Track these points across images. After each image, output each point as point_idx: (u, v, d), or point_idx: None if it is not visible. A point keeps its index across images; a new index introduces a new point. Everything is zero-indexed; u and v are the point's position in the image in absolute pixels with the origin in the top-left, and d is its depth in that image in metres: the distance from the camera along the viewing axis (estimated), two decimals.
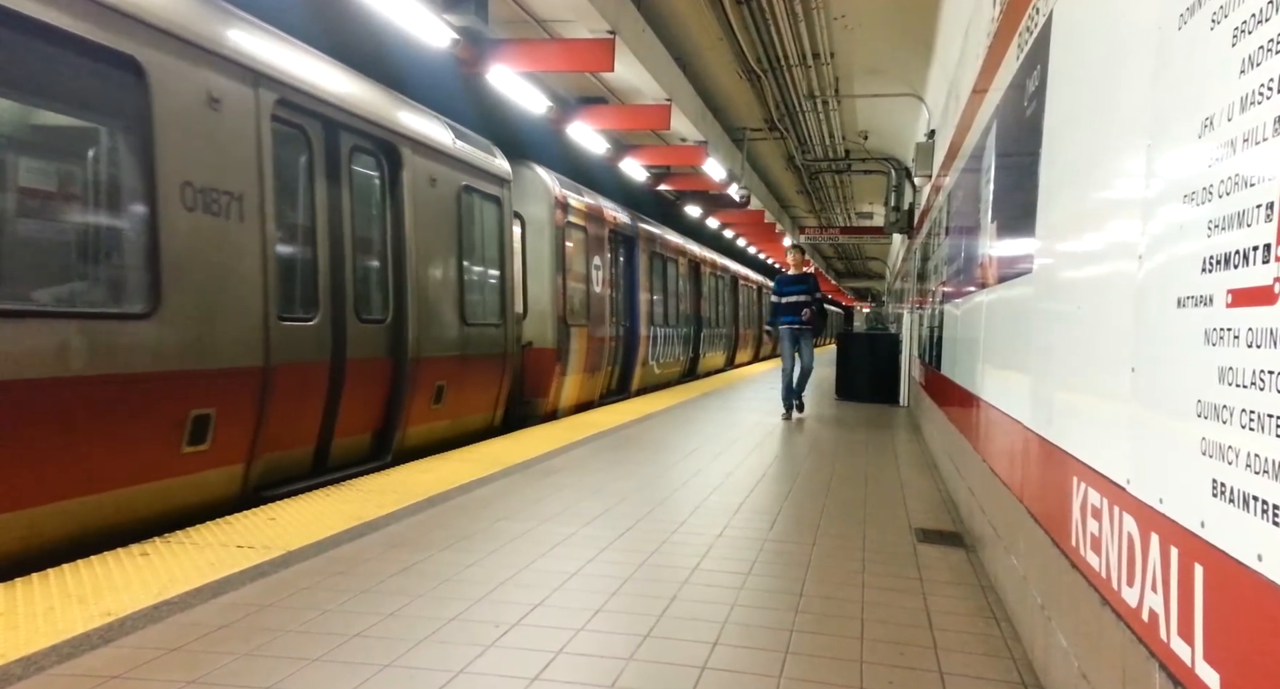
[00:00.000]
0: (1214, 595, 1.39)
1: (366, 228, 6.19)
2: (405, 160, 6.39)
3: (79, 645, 2.63)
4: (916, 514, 4.89)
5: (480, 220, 7.80)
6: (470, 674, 2.53)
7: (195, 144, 4.43)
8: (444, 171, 7.01)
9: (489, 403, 7.95)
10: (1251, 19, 1.33)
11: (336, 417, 5.73)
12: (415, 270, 6.50)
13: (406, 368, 6.37)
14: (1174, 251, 1.61)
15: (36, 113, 3.94)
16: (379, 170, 6.29)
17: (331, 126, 5.72)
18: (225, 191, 4.62)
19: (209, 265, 4.50)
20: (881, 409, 11.23)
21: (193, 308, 4.38)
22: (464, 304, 7.30)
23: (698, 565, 3.73)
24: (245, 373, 4.75)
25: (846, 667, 2.66)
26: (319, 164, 5.65)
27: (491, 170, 7.98)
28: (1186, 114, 1.58)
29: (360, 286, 6.01)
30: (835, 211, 24.62)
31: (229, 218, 4.65)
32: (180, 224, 4.32)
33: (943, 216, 7.31)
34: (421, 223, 6.60)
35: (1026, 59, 3.38)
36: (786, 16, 9.65)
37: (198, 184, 4.44)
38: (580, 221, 10.38)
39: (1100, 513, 2.02)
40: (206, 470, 4.54)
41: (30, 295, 3.71)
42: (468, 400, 7.47)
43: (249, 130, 4.80)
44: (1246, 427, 1.28)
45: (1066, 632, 2.33)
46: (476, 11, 7.66)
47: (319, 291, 5.58)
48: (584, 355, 10.35)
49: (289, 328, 5.19)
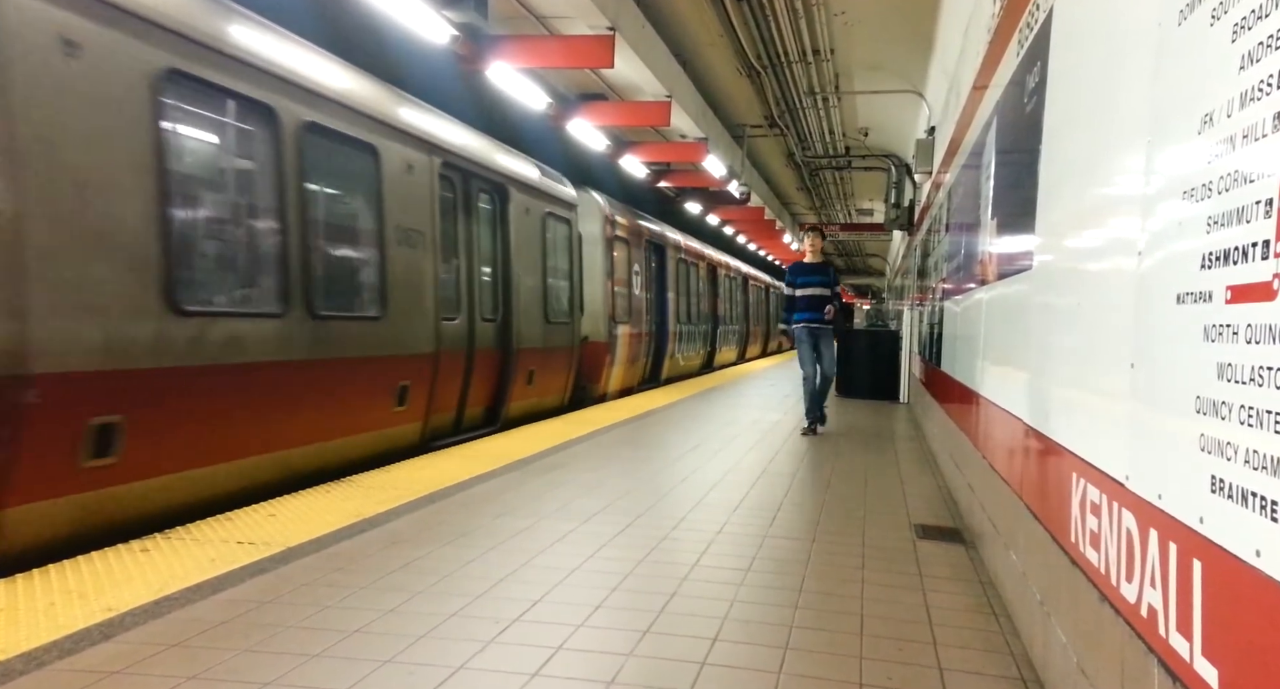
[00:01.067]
0: (1212, 591, 1.39)
1: (485, 249, 8.09)
2: (510, 196, 8.41)
3: (80, 641, 2.63)
4: (916, 511, 4.90)
5: (556, 239, 9.76)
6: (470, 670, 2.53)
7: (401, 198, 6.42)
8: (533, 202, 9.04)
9: (562, 386, 9.97)
10: (1251, 15, 1.33)
11: (468, 392, 7.63)
12: (516, 280, 8.48)
13: (511, 357, 8.35)
14: (1173, 248, 1.61)
15: (338, 187, 6.03)
16: (492, 205, 8.26)
17: (466, 176, 7.64)
18: (414, 229, 6.61)
19: (408, 283, 6.48)
20: (882, 406, 11.24)
21: (400, 313, 6.34)
22: (547, 306, 9.30)
23: (698, 562, 3.73)
24: (424, 357, 6.73)
25: (846, 662, 2.66)
26: (459, 205, 7.56)
27: (564, 198, 10.01)
28: (1186, 110, 1.58)
29: (482, 294, 7.90)
30: (835, 208, 24.61)
31: (415, 248, 6.62)
32: (394, 255, 6.31)
33: (943, 213, 7.31)
34: (519, 243, 8.58)
35: (1027, 56, 3.38)
36: (786, 13, 9.64)
37: (402, 226, 6.43)
38: (624, 235, 12.30)
39: (1099, 509, 2.02)
40: (404, 425, 6.52)
41: (343, 307, 5.89)
42: (549, 383, 9.45)
43: (426, 185, 6.83)
44: (1245, 423, 1.28)
45: (1065, 627, 2.33)
46: (476, 8, 7.66)
47: (460, 299, 7.50)
48: (627, 348, 12.30)
49: (446, 325, 7.09)
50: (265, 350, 4.98)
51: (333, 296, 5.70)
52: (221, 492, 4.74)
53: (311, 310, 5.35)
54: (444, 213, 7.14)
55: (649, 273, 13.86)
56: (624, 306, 12.20)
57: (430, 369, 6.76)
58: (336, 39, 6.40)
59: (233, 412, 4.76)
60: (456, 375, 7.34)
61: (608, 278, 11.45)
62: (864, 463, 6.53)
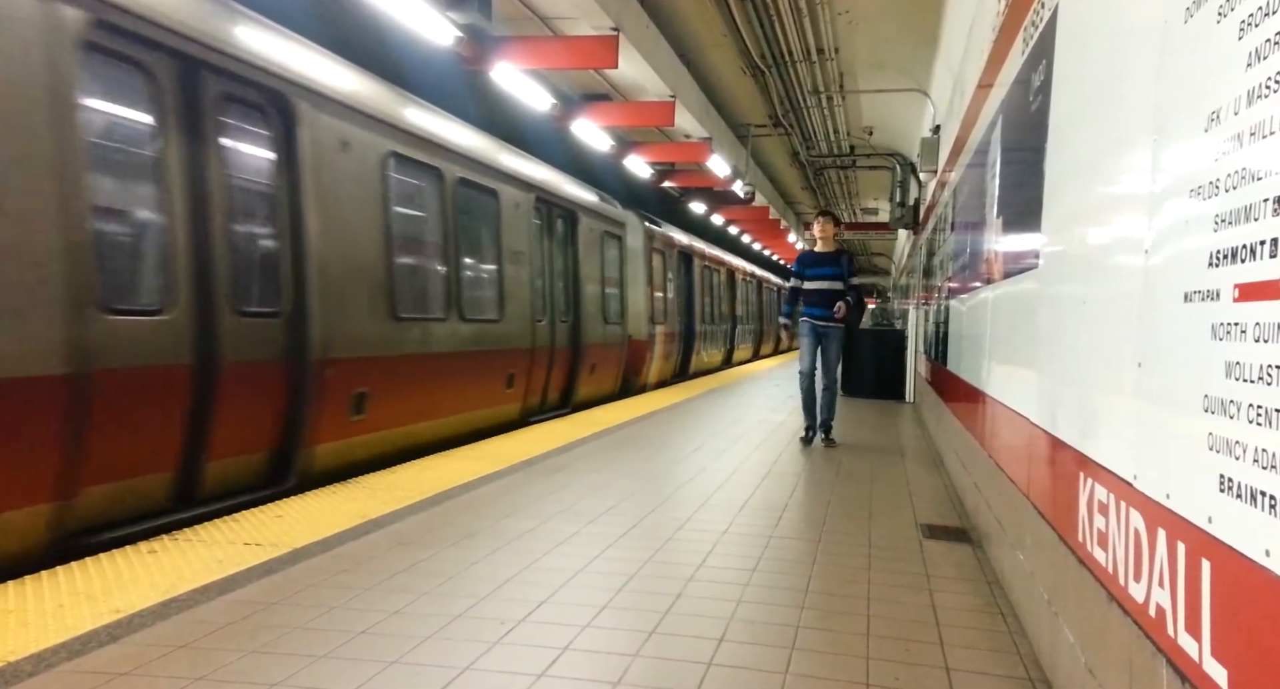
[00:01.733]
0: (1221, 591, 1.38)
1: (561, 263, 10.02)
2: (579, 220, 10.39)
3: (88, 642, 2.64)
4: (922, 510, 4.89)
5: (610, 253, 11.71)
6: (476, 671, 2.53)
7: (512, 228, 8.42)
8: (595, 223, 11.02)
9: (615, 376, 11.86)
10: (1259, 12, 1.32)
11: (549, 381, 9.44)
12: (583, 289, 10.43)
13: (580, 352, 10.27)
14: (1180, 246, 1.61)
15: (476, 223, 7.90)
16: (565, 228, 10.20)
17: (549, 206, 9.60)
18: (519, 251, 8.58)
19: (515, 294, 8.43)
20: (887, 405, 11.22)
21: (511, 316, 8.27)
22: (604, 310, 11.23)
23: (703, 562, 3.73)
24: (524, 351, 8.62)
25: (852, 662, 2.66)
26: (545, 229, 9.51)
27: (616, 218, 12.05)
28: (1193, 108, 1.57)
29: (560, 301, 9.84)
30: (840, 208, 24.57)
31: (519, 266, 8.57)
32: (508, 272, 8.31)
33: (948, 212, 7.30)
34: (585, 258, 10.56)
35: (1032, 54, 3.37)
36: (790, 12, 9.63)
37: (512, 249, 8.40)
38: (660, 247, 14.16)
39: (1107, 508, 2.01)
40: (510, 404, 8.40)
41: (478, 312, 7.72)
42: (605, 374, 11.38)
43: (527, 217, 8.81)
44: (1254, 422, 1.27)
45: (1073, 627, 2.33)
46: (480, 9, 7.67)
47: (546, 304, 9.38)
48: (663, 346, 14.19)
49: (538, 326, 9.01)
50: (439, 344, 6.95)
51: (472, 305, 7.58)
52: (415, 443, 6.64)
53: (461, 315, 7.29)
54: (536, 236, 9.13)
55: (680, 279, 15.72)
56: (660, 309, 14.07)
57: (528, 361, 8.75)
58: (337, 39, 6.41)
59: (424, 387, 6.71)
60: (543, 366, 9.26)
61: (648, 285, 13.24)
62: (869, 462, 6.52)
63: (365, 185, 5.88)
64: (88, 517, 3.90)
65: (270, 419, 5.07)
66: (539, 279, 9.16)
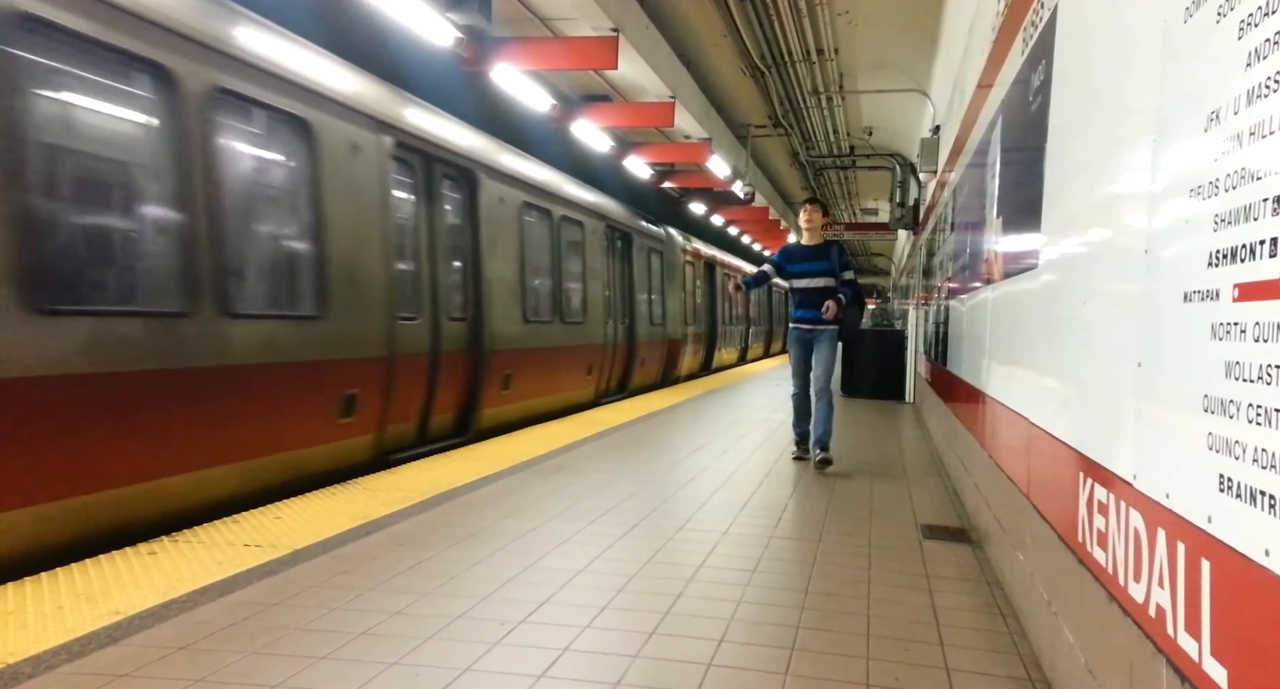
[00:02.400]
0: (1222, 591, 1.38)
1: (619, 276, 12.34)
2: (634, 240, 12.86)
3: (88, 644, 2.64)
4: (922, 511, 4.89)
5: (655, 266, 14.08)
6: (476, 671, 2.53)
7: (594, 251, 11.00)
8: (645, 242, 13.50)
9: (659, 369, 14.29)
10: (1258, 11, 1.32)
11: (612, 370, 11.83)
12: (637, 296, 12.83)
13: (636, 348, 12.69)
14: (1180, 246, 1.61)
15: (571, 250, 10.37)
16: (624, 247, 12.58)
17: (613, 230, 12.00)
18: (596, 268, 11.01)
19: (595, 303, 10.86)
20: (887, 406, 11.22)
21: (591, 320, 10.67)
22: (651, 314, 13.60)
23: (704, 563, 3.73)
24: (599, 346, 11.05)
25: (853, 663, 2.66)
26: (612, 248, 11.97)
27: (659, 236, 14.39)
28: (1192, 108, 1.57)
29: (619, 304, 12.10)
30: (840, 208, 24.58)
31: (596, 280, 11.01)
32: (590, 286, 10.74)
33: (948, 212, 7.30)
34: (637, 271, 12.93)
35: (1031, 54, 3.37)
36: (790, 13, 9.63)
37: (593, 267, 10.91)
38: (691, 259, 16.60)
39: (1107, 509, 2.01)
40: (584, 390, 10.62)
41: (571, 318, 10.00)
42: (651, 367, 13.75)
43: (601, 240, 11.36)
44: (1254, 421, 1.27)
45: (1073, 627, 2.33)
46: (480, 10, 7.67)
47: (613, 309, 11.76)
48: (693, 343, 16.59)
49: (607, 327, 11.39)
50: (551, 340, 9.25)
51: (570, 312, 10.05)
52: (539, 412, 8.95)
53: (563, 319, 9.68)
54: (606, 256, 11.64)
55: (705, 286, 18.06)
56: (692, 312, 16.48)
57: (600, 355, 11.12)
58: (337, 39, 6.40)
59: (542, 371, 8.98)
60: (610, 359, 11.61)
61: (682, 291, 15.59)
62: (869, 463, 6.51)
63: (510, 226, 8.33)
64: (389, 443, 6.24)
65: (461, 389, 7.33)
66: (608, 290, 11.63)
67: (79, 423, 3.77)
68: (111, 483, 3.95)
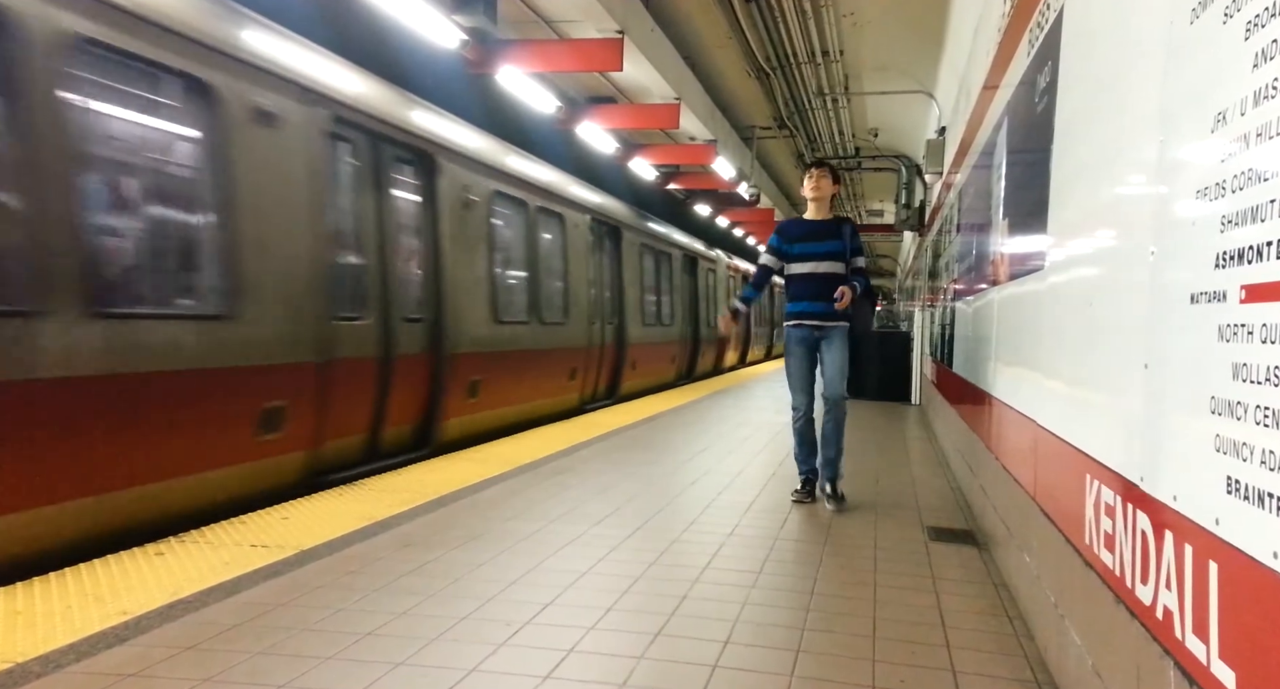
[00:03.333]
0: (1229, 593, 1.38)
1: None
2: (699, 263, 16.05)
3: (96, 644, 2.65)
4: (928, 512, 4.88)
5: (710, 281, 17.26)
6: (482, 672, 2.53)
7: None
8: (709, 264, 16.69)
9: (713, 359, 17.08)
10: (1265, 12, 1.32)
11: (695, 362, 15.66)
12: (698, 307, 15.77)
13: (699, 347, 15.77)
14: (1187, 247, 1.60)
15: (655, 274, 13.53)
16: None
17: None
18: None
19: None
20: (893, 407, 11.20)
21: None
22: (705, 320, 16.45)
23: (709, 564, 3.73)
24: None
25: (858, 665, 2.65)
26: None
27: (700, 251, 16.70)
28: (1199, 109, 1.57)
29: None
30: (846, 209, 24.56)
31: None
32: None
33: (954, 214, 7.29)
34: (705, 287, 16.37)
35: (1037, 55, 3.37)
36: (795, 14, 9.63)
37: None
38: (732, 273, 19.78)
39: (1113, 510, 2.01)
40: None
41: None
42: (707, 358, 17.04)
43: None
44: (1261, 423, 1.27)
45: (1080, 629, 2.32)
46: (485, 12, 7.68)
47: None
48: (735, 343, 19.84)
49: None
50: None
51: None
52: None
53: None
54: (687, 274, 14.60)
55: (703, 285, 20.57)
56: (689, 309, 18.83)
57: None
58: (337, 39, 6.42)
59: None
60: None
61: (726, 301, 18.51)
62: (875, 465, 6.51)
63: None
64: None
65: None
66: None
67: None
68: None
